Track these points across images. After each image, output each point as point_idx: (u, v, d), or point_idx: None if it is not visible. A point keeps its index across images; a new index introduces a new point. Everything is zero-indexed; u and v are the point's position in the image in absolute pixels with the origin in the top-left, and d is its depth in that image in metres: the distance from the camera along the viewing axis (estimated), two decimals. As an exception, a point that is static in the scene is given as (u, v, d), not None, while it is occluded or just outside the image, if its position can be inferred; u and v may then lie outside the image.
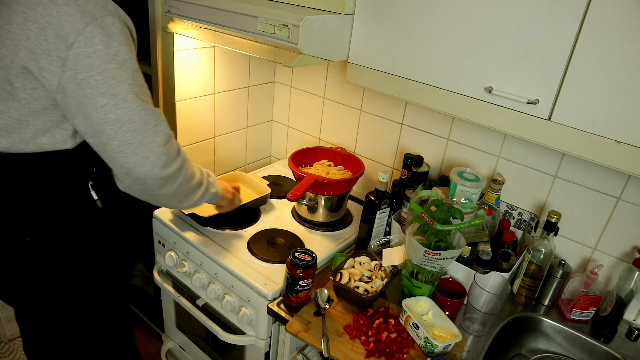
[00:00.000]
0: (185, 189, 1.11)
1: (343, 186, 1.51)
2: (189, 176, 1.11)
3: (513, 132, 1.04)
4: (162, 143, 1.00)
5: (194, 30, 1.44)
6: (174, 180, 1.06)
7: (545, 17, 0.92)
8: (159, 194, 1.06)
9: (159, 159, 1.00)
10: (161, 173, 1.01)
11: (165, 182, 1.04)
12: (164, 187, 1.05)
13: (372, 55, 1.22)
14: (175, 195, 1.10)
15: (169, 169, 1.03)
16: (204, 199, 1.22)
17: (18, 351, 2.10)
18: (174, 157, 1.04)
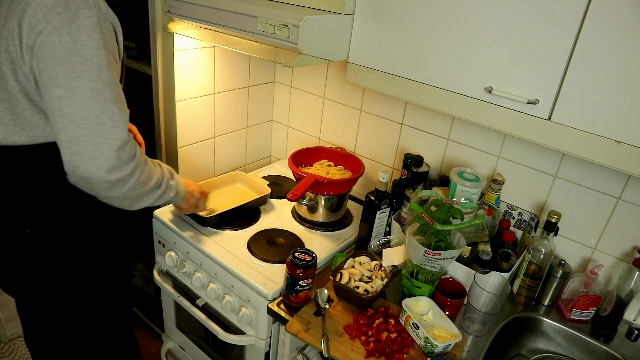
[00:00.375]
0: (136, 192, 1.06)
1: (343, 186, 1.51)
2: (142, 181, 1.05)
3: (513, 132, 1.04)
4: (114, 147, 0.96)
5: (194, 30, 1.44)
6: (122, 185, 1.01)
7: (545, 17, 0.92)
8: (106, 195, 1.03)
9: (107, 163, 0.96)
10: (107, 177, 0.97)
11: (112, 185, 1.00)
12: (111, 190, 1.01)
13: (372, 55, 1.22)
14: (125, 198, 1.06)
15: (117, 173, 0.99)
16: (161, 201, 1.17)
17: (18, 351, 2.10)
18: (124, 162, 0.99)
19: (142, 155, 1.06)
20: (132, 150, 1.01)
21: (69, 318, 1.23)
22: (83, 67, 0.92)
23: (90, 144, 0.94)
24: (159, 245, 1.57)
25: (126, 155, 0.99)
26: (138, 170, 1.03)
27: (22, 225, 1.08)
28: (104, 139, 0.95)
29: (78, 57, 0.91)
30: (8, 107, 0.98)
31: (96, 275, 1.22)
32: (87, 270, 1.19)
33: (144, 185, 1.06)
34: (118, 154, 0.97)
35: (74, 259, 1.16)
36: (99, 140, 0.94)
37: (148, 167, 1.07)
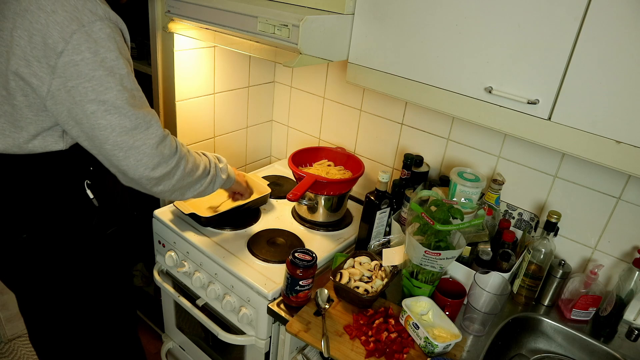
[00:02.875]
0: (185, 182, 1.12)
1: (343, 186, 1.51)
2: (188, 171, 1.11)
3: (513, 132, 1.04)
4: (154, 145, 1.01)
5: (194, 30, 1.44)
6: (170, 178, 1.07)
7: (545, 17, 0.92)
8: (157, 191, 1.08)
9: (151, 161, 1.01)
10: (153, 174, 1.03)
11: (159, 180, 1.06)
12: (160, 184, 1.07)
13: (372, 55, 1.22)
14: (176, 189, 1.11)
15: (162, 169, 1.04)
16: (214, 187, 1.24)
17: (18, 351, 2.10)
18: (168, 157, 1.05)
19: (183, 147, 1.11)
20: (172, 145, 1.06)
21: (70, 317, 1.24)
22: (108, 79, 0.94)
23: (133, 147, 0.99)
24: (159, 245, 1.57)
25: (167, 150, 1.04)
26: (183, 162, 1.09)
27: (18, 230, 1.09)
28: (143, 140, 1.00)
29: (102, 71, 0.94)
30: (12, 120, 0.99)
31: (95, 276, 1.23)
32: (86, 271, 1.20)
33: (191, 174, 1.13)
34: (159, 151, 1.02)
35: (72, 260, 1.16)
36: (139, 143, 0.99)
37: (192, 157, 1.13)
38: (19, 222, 1.09)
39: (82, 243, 1.17)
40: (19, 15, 0.91)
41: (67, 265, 1.16)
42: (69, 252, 1.15)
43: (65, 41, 0.90)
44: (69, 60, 0.91)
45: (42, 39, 0.90)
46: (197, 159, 1.16)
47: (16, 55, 0.92)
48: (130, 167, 1.01)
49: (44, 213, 1.09)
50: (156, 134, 1.02)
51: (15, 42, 0.91)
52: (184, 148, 1.11)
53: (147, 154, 1.01)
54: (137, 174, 1.02)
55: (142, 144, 1.00)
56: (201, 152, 1.22)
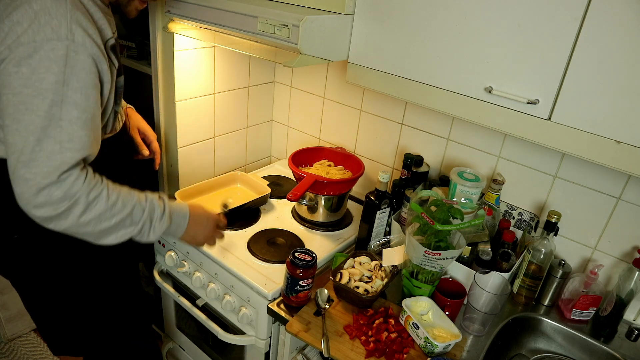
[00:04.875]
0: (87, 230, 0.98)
1: (343, 186, 1.51)
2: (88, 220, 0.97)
3: (513, 132, 1.04)
4: (42, 185, 0.91)
5: (194, 30, 1.44)
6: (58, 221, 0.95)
7: (545, 17, 0.92)
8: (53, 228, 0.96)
9: (33, 199, 0.92)
10: (35, 212, 0.93)
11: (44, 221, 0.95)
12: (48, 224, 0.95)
13: (372, 55, 1.22)
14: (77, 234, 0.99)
15: (46, 211, 0.93)
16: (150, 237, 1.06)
17: (18, 351, 2.10)
18: (57, 201, 0.92)
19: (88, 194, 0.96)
20: (70, 190, 0.93)
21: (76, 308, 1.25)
22: (34, 100, 0.88)
23: (21, 177, 0.91)
24: (159, 245, 1.57)
25: (60, 194, 0.92)
26: (77, 209, 0.95)
27: (9, 231, 1.09)
28: (34, 175, 0.90)
29: (31, 90, 0.88)
30: None
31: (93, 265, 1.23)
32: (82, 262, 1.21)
33: (93, 224, 0.98)
34: (47, 192, 0.91)
35: (66, 256, 1.17)
36: (29, 175, 0.90)
37: (100, 205, 0.97)
38: (9, 223, 1.09)
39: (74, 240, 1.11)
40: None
41: (61, 261, 1.17)
42: (61, 249, 1.15)
43: (10, 50, 0.88)
44: (5, 68, 0.88)
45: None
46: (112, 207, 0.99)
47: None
48: (16, 192, 0.92)
49: None
50: (50, 176, 0.91)
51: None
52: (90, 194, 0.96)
53: (31, 190, 0.91)
54: (20, 202, 0.93)
55: (32, 177, 0.90)
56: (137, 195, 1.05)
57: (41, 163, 0.91)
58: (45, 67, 0.88)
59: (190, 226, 1.15)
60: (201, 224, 1.19)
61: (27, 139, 0.90)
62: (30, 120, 0.89)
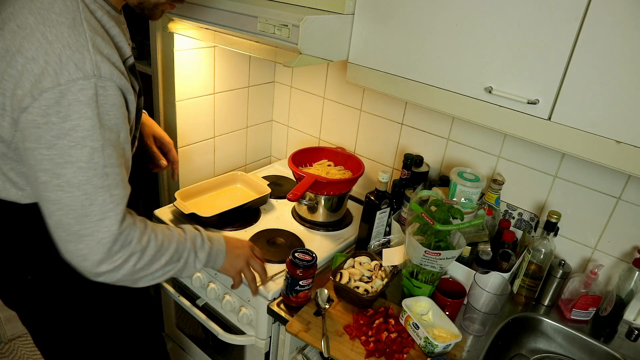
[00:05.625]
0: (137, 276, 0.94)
1: (343, 186, 1.51)
2: (141, 266, 0.93)
3: (513, 132, 1.04)
4: (102, 240, 0.86)
5: (194, 30, 1.44)
6: (114, 273, 0.90)
7: (545, 17, 0.92)
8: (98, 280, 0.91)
9: (93, 256, 0.86)
10: (94, 269, 0.88)
11: (99, 275, 0.90)
12: (100, 277, 0.90)
13: (372, 55, 1.22)
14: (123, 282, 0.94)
15: (105, 266, 0.88)
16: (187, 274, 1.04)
17: (18, 351, 2.10)
18: (114, 254, 0.88)
19: (141, 239, 0.92)
20: (126, 240, 0.89)
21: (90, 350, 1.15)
22: (72, 151, 0.80)
23: (76, 234, 0.84)
24: (159, 245, 1.56)
25: (118, 247, 0.88)
26: (133, 258, 0.91)
27: (23, 271, 1.01)
28: (92, 231, 0.85)
29: (67, 140, 0.79)
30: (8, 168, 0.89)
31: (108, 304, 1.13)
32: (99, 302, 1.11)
33: (146, 268, 0.94)
34: (107, 248, 0.87)
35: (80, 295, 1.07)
36: (86, 232, 0.84)
37: (151, 248, 0.94)
38: (23, 263, 1.01)
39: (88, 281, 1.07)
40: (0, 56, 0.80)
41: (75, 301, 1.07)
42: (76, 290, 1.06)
43: (33, 97, 0.77)
44: (32, 120, 0.78)
45: (13, 88, 0.78)
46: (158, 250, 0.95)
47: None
48: (68, 252, 0.86)
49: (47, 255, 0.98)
50: (109, 229, 0.86)
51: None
52: (141, 242, 0.91)
53: (91, 247, 0.85)
54: (74, 262, 0.87)
55: (88, 234, 0.84)
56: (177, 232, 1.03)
57: (95, 219, 0.84)
58: (77, 112, 0.79)
59: (229, 250, 1.12)
60: (238, 247, 1.16)
61: (74, 195, 0.82)
62: (73, 174, 0.81)
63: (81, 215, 0.83)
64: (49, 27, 0.78)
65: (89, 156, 0.81)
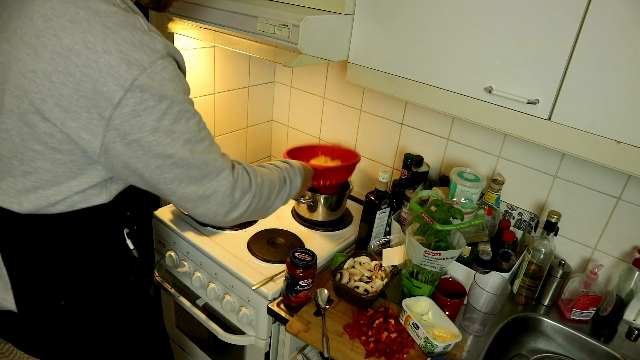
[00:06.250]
0: (261, 211, 1.05)
1: (341, 173, 1.46)
2: (263, 203, 1.03)
3: (513, 132, 1.04)
4: (226, 193, 0.92)
5: (194, 30, 1.44)
6: (243, 214, 0.99)
7: (545, 17, 0.92)
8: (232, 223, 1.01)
9: (222, 208, 0.93)
10: (225, 219, 0.96)
11: (234, 220, 0.99)
12: (231, 222, 0.99)
13: (372, 55, 1.22)
14: (251, 217, 1.03)
15: (235, 212, 0.97)
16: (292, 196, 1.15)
17: (18, 351, 2.10)
18: (239, 200, 0.96)
19: (256, 180, 1.00)
20: (244, 185, 0.97)
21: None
22: (174, 127, 0.82)
23: (202, 197, 0.90)
24: (159, 245, 1.57)
25: (239, 193, 0.95)
26: (256, 198, 1.00)
27: (57, 296, 0.97)
28: (214, 189, 0.90)
29: (168, 119, 0.80)
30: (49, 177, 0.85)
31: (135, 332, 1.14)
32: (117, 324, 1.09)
33: (266, 202, 1.04)
34: (232, 198, 0.94)
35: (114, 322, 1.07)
36: (209, 192, 0.90)
37: (266, 186, 1.03)
38: (57, 288, 0.95)
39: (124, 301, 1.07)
40: (61, 56, 0.74)
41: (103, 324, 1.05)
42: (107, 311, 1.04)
43: (124, 89, 0.75)
44: (130, 111, 0.76)
45: (93, 86, 0.75)
46: (271, 184, 1.05)
47: (58, 105, 0.76)
48: (199, 215, 0.93)
49: (83, 273, 0.97)
50: (227, 180, 0.92)
51: (57, 89, 0.75)
52: (256, 179, 1.00)
53: (218, 202, 0.92)
54: (207, 220, 0.95)
55: (212, 192, 0.90)
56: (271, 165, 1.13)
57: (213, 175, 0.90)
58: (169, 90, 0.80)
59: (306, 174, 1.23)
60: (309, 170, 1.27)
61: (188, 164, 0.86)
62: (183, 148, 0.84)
63: (200, 178, 0.88)
64: (105, 16, 0.76)
65: (187, 127, 0.84)
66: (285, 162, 1.18)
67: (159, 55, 0.78)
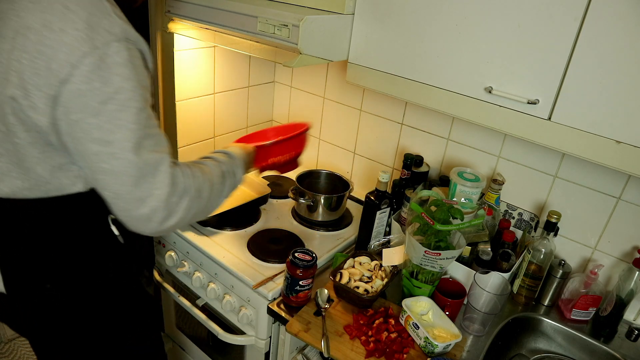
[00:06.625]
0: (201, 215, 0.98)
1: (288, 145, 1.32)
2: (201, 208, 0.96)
3: (513, 132, 1.04)
4: (162, 197, 0.86)
5: (194, 30, 1.44)
6: (180, 222, 0.92)
7: (545, 17, 0.92)
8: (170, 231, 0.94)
9: (156, 215, 0.86)
10: (160, 227, 0.88)
11: (169, 229, 0.91)
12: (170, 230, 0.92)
13: (372, 55, 1.22)
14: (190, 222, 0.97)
15: (171, 220, 0.89)
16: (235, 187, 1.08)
17: (18, 351, 2.10)
18: (175, 205, 0.89)
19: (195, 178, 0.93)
20: (180, 189, 0.89)
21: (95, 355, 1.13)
22: (120, 115, 0.79)
23: (136, 199, 0.84)
24: (159, 245, 1.57)
25: (176, 198, 0.88)
26: (196, 202, 0.93)
27: (43, 279, 0.98)
28: (150, 191, 0.84)
29: (113, 105, 0.78)
30: (16, 160, 0.85)
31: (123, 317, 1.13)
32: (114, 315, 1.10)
33: (208, 204, 0.97)
34: (167, 203, 0.87)
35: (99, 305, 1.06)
36: (145, 194, 0.84)
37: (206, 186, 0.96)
38: (43, 271, 0.96)
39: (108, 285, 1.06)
40: (20, 35, 0.76)
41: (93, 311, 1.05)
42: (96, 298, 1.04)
43: (73, 66, 0.75)
44: (75, 89, 0.76)
45: (46, 64, 0.75)
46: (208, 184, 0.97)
47: (13, 83, 0.76)
48: (131, 219, 0.86)
49: (69, 259, 0.98)
50: (164, 183, 0.86)
51: (13, 67, 0.76)
52: (196, 180, 0.93)
53: (153, 207, 0.85)
54: (139, 228, 0.87)
55: (147, 194, 0.84)
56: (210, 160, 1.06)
57: (150, 177, 0.84)
58: (119, 74, 0.78)
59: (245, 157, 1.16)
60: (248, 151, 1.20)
61: (127, 158, 0.81)
62: (124, 137, 0.80)
63: (137, 178, 0.83)
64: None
65: (136, 117, 0.81)
66: (225, 153, 1.10)
67: (114, 38, 0.78)
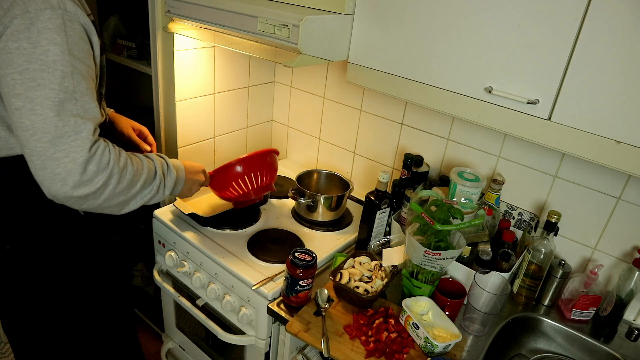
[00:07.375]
0: (118, 200, 0.97)
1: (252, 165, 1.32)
2: (121, 189, 0.96)
3: (513, 132, 1.04)
4: (78, 160, 0.87)
5: (194, 30, 1.44)
6: (96, 197, 0.92)
7: (545, 17, 0.92)
8: (81, 208, 0.94)
9: (71, 178, 0.87)
10: (73, 192, 0.89)
11: (82, 200, 0.91)
12: (84, 203, 0.92)
13: (372, 55, 1.22)
14: (105, 207, 0.97)
15: (85, 189, 0.89)
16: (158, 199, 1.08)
17: (18, 351, 2.09)
18: (93, 176, 0.90)
19: (118, 161, 0.94)
20: (102, 161, 0.91)
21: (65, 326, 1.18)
22: (43, 74, 0.84)
23: (51, 158, 0.86)
24: (159, 245, 1.57)
25: (94, 168, 0.90)
26: (113, 180, 0.93)
27: (2, 241, 1.01)
28: (66, 152, 0.86)
29: (38, 64, 0.84)
30: None
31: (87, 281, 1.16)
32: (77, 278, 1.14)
33: (126, 192, 0.98)
34: (83, 168, 0.88)
35: (60, 269, 1.10)
36: (61, 154, 0.86)
37: (129, 172, 0.97)
38: (1, 233, 1.01)
39: (68, 249, 1.09)
40: None
41: (54, 273, 1.09)
42: (56, 259, 1.08)
43: (4, 25, 0.83)
44: (3, 46, 0.83)
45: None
46: (136, 173, 0.99)
47: None
48: (46, 179, 0.87)
49: (26, 222, 1.01)
50: (83, 149, 0.88)
51: None
52: (118, 164, 0.94)
53: (67, 169, 0.86)
54: (53, 189, 0.87)
55: (63, 155, 0.86)
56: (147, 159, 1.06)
57: (69, 139, 0.86)
58: (47, 39, 0.84)
59: (187, 178, 1.19)
60: (194, 172, 1.23)
61: (47, 116, 0.85)
62: (46, 96, 0.84)
63: (55, 137, 0.86)
64: None
65: (60, 79, 0.86)
66: (162, 158, 1.12)
67: (48, 6, 0.85)
